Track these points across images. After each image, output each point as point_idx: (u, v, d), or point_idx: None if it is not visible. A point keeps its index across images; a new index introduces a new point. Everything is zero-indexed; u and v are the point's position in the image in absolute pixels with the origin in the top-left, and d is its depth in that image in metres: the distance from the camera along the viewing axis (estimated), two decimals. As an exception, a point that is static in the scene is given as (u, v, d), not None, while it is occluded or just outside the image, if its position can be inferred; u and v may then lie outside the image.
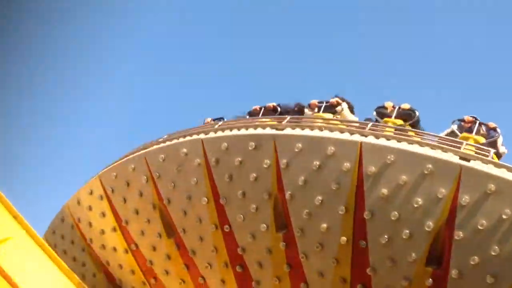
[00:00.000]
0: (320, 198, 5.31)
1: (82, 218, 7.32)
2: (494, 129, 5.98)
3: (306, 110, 6.72)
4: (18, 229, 5.24)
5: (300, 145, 5.35)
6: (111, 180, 6.84)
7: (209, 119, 7.58)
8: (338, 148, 5.19)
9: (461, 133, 6.04)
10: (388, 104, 6.39)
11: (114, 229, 6.96)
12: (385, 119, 6.24)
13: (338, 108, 6.55)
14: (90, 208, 7.18)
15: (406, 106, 6.34)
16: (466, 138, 5.79)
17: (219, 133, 5.96)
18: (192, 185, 6.06)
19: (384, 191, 5.01)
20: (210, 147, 5.89)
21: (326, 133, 5.30)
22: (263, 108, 7.05)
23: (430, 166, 4.84)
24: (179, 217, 6.28)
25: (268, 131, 5.59)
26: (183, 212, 6.24)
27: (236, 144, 5.73)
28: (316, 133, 5.36)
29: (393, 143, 5.04)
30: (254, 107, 7.18)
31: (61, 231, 7.68)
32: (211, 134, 5.99)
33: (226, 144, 5.77)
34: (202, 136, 6.02)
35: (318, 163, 5.27)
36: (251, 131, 5.71)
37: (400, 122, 6.17)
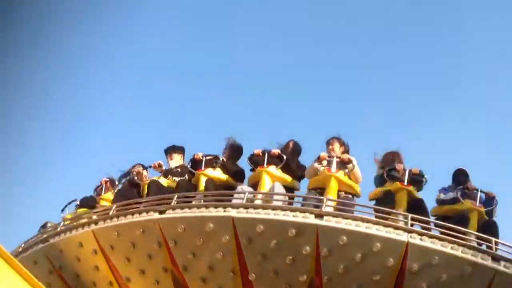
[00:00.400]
0: (359, 283, 5.64)
1: (66, 267, 6.83)
2: (493, 198, 6.61)
3: (315, 165, 6.69)
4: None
5: (345, 238, 5.53)
6: (110, 238, 6.40)
7: (200, 155, 7.21)
8: (384, 245, 5.47)
9: (463, 199, 6.59)
10: (400, 167, 6.63)
11: (111, 284, 6.63)
12: (397, 183, 6.51)
13: (350, 166, 6.61)
14: (78, 259, 6.70)
15: (416, 170, 6.62)
16: (472, 209, 6.37)
17: (251, 212, 5.83)
18: (217, 258, 5.97)
19: (423, 285, 5.48)
20: (243, 228, 5.79)
21: (372, 230, 5.52)
22: (266, 154, 6.85)
23: (469, 269, 5.38)
24: (197, 284, 6.19)
25: (312, 220, 5.64)
26: (201, 280, 6.15)
27: (274, 228, 5.70)
28: (361, 228, 5.54)
29: (437, 245, 5.45)
30: (256, 151, 6.93)
31: (33, 272, 7.06)
32: (242, 213, 5.84)
33: (262, 227, 5.71)
34: (232, 212, 5.86)
35: (360, 255, 5.53)
36: (291, 217, 5.69)
37: (412, 189, 6.51)
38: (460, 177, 6.83)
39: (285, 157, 6.80)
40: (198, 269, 6.12)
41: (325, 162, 6.68)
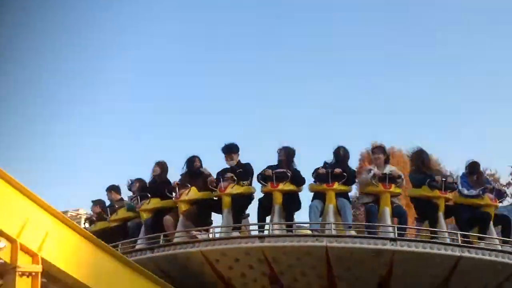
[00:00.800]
0: (417, 282, 7.72)
1: (173, 271, 8.37)
2: (504, 193, 8.56)
3: (372, 181, 8.18)
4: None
5: (414, 259, 7.44)
6: (217, 255, 7.93)
7: (270, 171, 8.34)
8: (440, 260, 7.45)
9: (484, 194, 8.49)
10: (438, 178, 8.27)
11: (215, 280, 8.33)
12: (437, 191, 8.23)
13: (399, 181, 8.17)
14: (185, 267, 8.24)
15: (450, 179, 8.32)
16: (490, 205, 8.33)
17: (342, 242, 7.51)
18: (309, 267, 7.77)
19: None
20: (334, 254, 7.51)
21: (434, 249, 7.43)
22: (330, 173, 8.19)
23: (500, 268, 7.55)
24: (290, 281, 8.03)
25: (389, 246, 7.43)
26: (294, 280, 8.00)
27: (359, 253, 7.47)
28: (427, 249, 7.43)
29: (479, 255, 7.48)
30: (320, 170, 8.24)
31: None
32: (334, 242, 7.50)
33: (350, 252, 7.47)
34: (325, 242, 7.51)
35: (423, 269, 7.53)
36: (373, 245, 7.44)
37: (448, 195, 8.28)
38: (474, 168, 8.64)
39: (345, 174, 8.20)
40: (292, 274, 7.93)
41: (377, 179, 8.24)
